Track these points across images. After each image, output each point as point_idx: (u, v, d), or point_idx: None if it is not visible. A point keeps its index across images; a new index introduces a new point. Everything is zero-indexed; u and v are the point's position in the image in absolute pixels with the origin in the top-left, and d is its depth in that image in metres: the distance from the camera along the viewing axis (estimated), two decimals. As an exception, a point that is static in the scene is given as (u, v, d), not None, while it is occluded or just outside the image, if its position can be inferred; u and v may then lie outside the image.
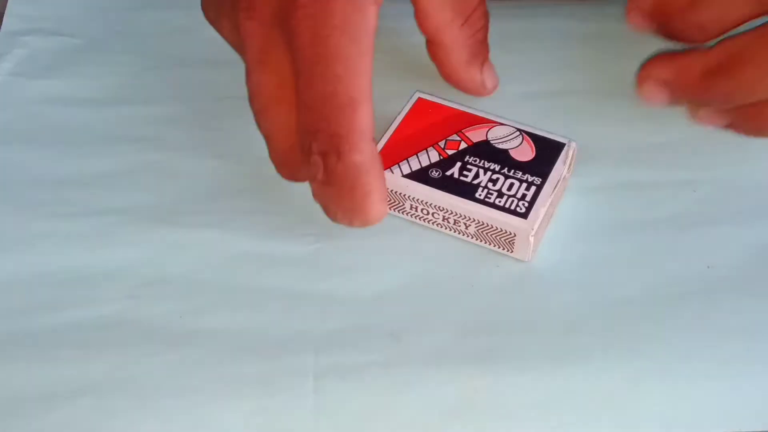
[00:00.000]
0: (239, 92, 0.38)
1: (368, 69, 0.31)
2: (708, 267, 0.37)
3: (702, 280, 0.37)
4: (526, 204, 0.36)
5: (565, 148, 0.38)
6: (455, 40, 0.37)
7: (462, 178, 0.36)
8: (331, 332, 0.35)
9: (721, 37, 0.35)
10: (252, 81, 0.33)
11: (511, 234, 0.36)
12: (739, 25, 0.35)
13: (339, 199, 0.33)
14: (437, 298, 0.36)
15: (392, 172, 0.37)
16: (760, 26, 0.34)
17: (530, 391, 0.34)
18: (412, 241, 0.38)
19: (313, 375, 0.34)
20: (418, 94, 0.39)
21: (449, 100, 0.39)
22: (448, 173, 0.37)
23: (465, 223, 0.36)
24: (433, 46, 0.38)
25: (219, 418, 0.33)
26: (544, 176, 0.37)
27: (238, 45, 0.34)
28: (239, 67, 0.34)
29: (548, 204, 0.36)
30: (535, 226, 0.35)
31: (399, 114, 0.39)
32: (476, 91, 0.41)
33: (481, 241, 0.37)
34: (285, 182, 0.36)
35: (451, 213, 0.36)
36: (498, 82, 0.40)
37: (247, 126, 0.35)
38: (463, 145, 0.37)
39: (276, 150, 0.34)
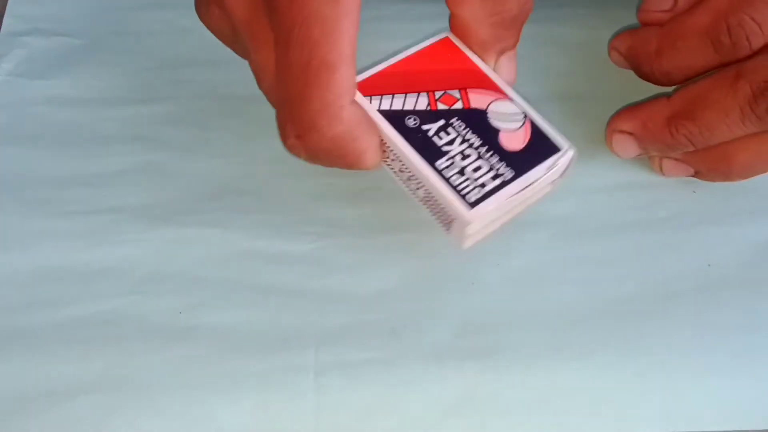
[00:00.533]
0: (239, 92, 0.39)
1: (349, 30, 0.30)
2: (709, 265, 0.37)
3: (702, 278, 0.37)
4: (481, 194, 0.32)
5: (560, 152, 0.33)
6: (474, 15, 0.33)
7: (435, 139, 0.32)
8: (332, 329, 0.35)
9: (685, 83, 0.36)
10: (252, 61, 0.32)
11: (450, 216, 0.33)
12: (701, 73, 0.36)
13: (330, 164, 0.32)
14: (437, 296, 0.36)
15: (370, 102, 0.33)
16: (718, 72, 0.35)
17: (531, 388, 0.34)
18: (412, 239, 0.38)
19: (314, 372, 0.34)
20: (447, 34, 0.35)
21: (477, 55, 0.35)
22: (425, 128, 0.33)
23: (416, 185, 0.33)
24: (453, 18, 0.34)
25: (219, 414, 0.33)
26: (519, 173, 0.32)
27: (231, 31, 0.33)
28: (239, 66, 0.34)
29: (506, 203, 0.32)
30: (476, 221, 0.32)
31: (417, 45, 0.35)
32: None
33: (426, 207, 0.34)
34: (285, 181, 0.36)
35: (407, 169, 0.33)
36: (515, 79, 0.36)
37: (247, 126, 0.35)
38: (458, 105, 0.33)
39: (288, 132, 0.32)
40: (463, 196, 0.32)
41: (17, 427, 0.33)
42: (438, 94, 0.34)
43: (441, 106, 0.33)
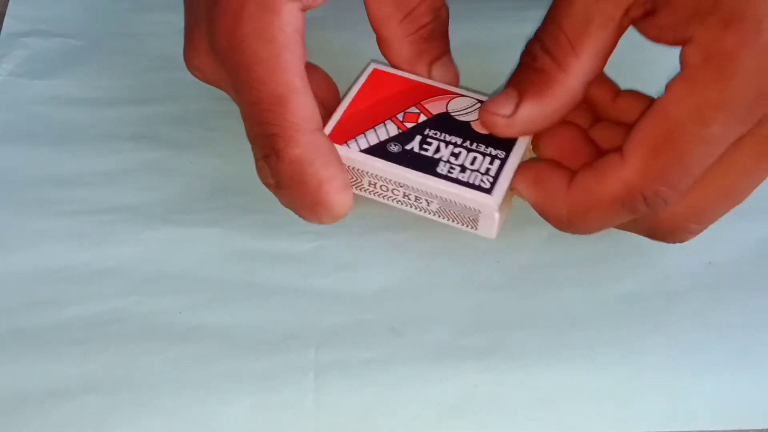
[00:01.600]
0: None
1: (292, 64, 0.31)
2: (709, 263, 0.37)
3: (703, 277, 0.37)
4: (491, 179, 0.33)
5: None
6: (394, 36, 0.35)
7: (422, 152, 0.34)
8: (332, 328, 0.35)
9: None
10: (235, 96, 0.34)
11: (475, 210, 0.34)
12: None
13: (296, 197, 0.33)
14: (438, 295, 0.36)
15: (348, 147, 0.34)
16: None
17: (531, 387, 0.34)
18: (412, 238, 0.38)
19: (314, 371, 0.34)
20: (373, 65, 0.37)
21: (407, 72, 0.37)
22: (408, 147, 0.34)
23: (427, 200, 0.34)
24: (378, 40, 0.36)
25: (220, 414, 0.33)
26: (508, 149, 0.34)
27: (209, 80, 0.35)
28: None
29: (513, 178, 0.34)
30: (500, 202, 0.33)
31: (354, 86, 0.37)
32: None
33: (443, 218, 0.35)
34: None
35: (412, 189, 0.34)
36: (456, 79, 0.37)
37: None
38: (422, 118, 0.35)
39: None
40: (478, 187, 0.33)
41: (17, 427, 0.33)
42: (400, 116, 0.35)
43: (409, 125, 0.35)
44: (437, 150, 0.34)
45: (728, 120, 0.29)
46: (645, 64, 0.38)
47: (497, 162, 0.34)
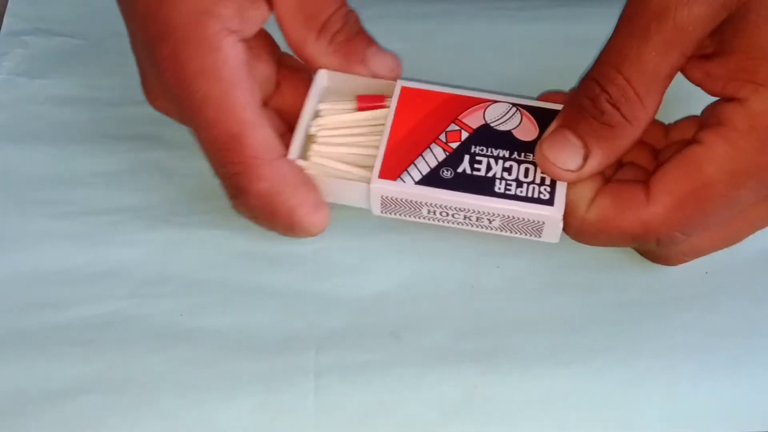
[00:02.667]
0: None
1: (242, 98, 0.32)
2: (706, 273, 0.37)
3: (701, 285, 0.37)
4: (548, 188, 0.34)
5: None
6: (316, 53, 0.35)
7: (475, 173, 0.34)
8: (332, 331, 0.35)
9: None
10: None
11: (539, 222, 0.34)
12: None
13: (272, 226, 0.34)
14: (437, 298, 0.36)
15: (403, 181, 0.34)
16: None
17: (531, 391, 0.34)
18: (412, 241, 0.38)
19: (314, 374, 0.34)
20: (401, 84, 0.36)
21: (433, 83, 0.37)
22: (460, 170, 0.34)
23: (489, 219, 0.35)
24: (305, 63, 0.36)
25: (220, 415, 0.33)
26: None
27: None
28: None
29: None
30: (562, 210, 0.33)
31: (389, 112, 0.36)
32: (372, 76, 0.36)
33: (506, 231, 0.35)
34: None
35: (473, 212, 0.34)
36: (395, 63, 0.36)
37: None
38: (464, 135, 0.35)
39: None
40: (538, 200, 0.33)
41: (18, 427, 0.33)
42: (442, 137, 0.35)
43: (453, 145, 0.35)
44: (488, 168, 0.34)
45: (759, 186, 0.30)
46: None
47: None
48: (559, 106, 0.35)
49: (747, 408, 0.33)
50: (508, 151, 0.35)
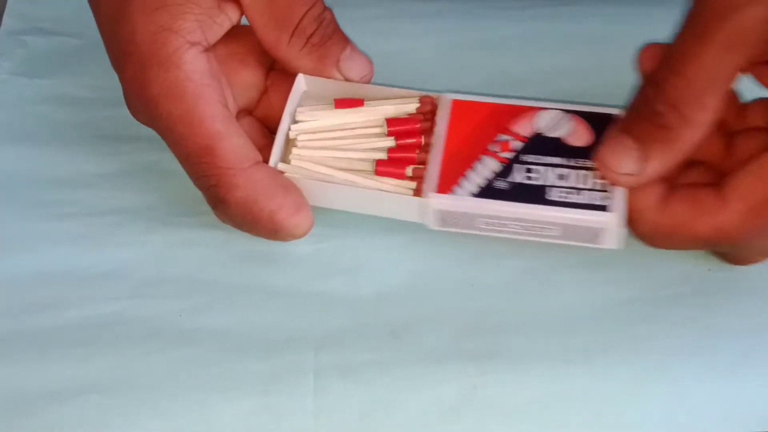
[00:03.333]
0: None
1: (210, 110, 0.32)
2: (709, 270, 0.37)
3: (703, 282, 0.37)
4: (606, 194, 0.33)
5: (615, 118, 0.35)
6: (290, 55, 0.35)
7: (530, 182, 0.34)
8: (332, 331, 0.35)
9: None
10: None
11: (598, 229, 0.34)
12: None
13: (256, 231, 0.34)
14: (437, 298, 0.36)
15: (458, 194, 0.34)
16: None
17: (531, 391, 0.34)
18: (412, 241, 0.38)
19: (314, 373, 0.34)
20: (450, 97, 0.37)
21: (481, 94, 0.37)
22: (515, 180, 0.34)
23: (548, 230, 0.35)
24: (279, 64, 0.36)
25: (220, 415, 0.33)
26: None
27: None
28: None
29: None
30: (622, 217, 0.33)
31: (440, 123, 0.36)
32: (347, 78, 0.36)
33: (565, 239, 0.35)
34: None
35: (531, 222, 0.34)
36: (367, 68, 0.36)
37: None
38: (516, 144, 0.35)
39: None
40: (597, 207, 0.33)
41: (18, 427, 0.33)
42: (494, 147, 0.35)
43: (506, 155, 0.35)
44: (544, 176, 0.34)
45: None
46: None
47: None
48: (612, 110, 0.35)
49: (748, 408, 0.33)
50: (562, 158, 0.34)
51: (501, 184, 0.34)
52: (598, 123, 0.35)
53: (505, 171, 0.34)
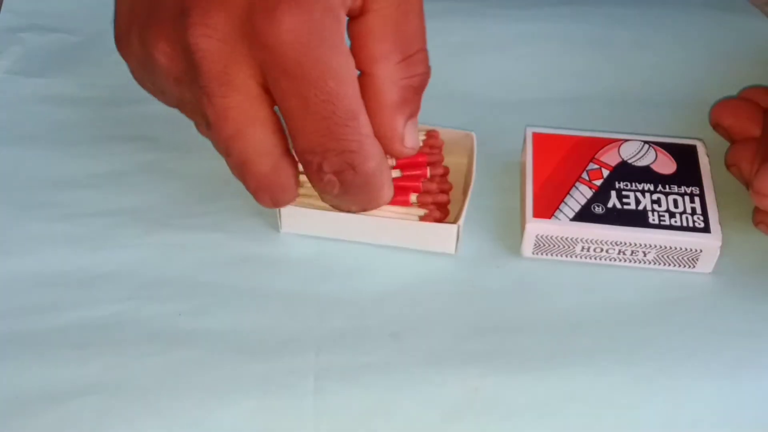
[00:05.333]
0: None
1: (355, 74, 0.31)
2: (709, 273, 0.37)
3: (703, 285, 0.37)
4: (701, 217, 0.36)
5: (697, 149, 0.38)
6: (388, 76, 0.32)
7: (626, 207, 0.36)
8: (332, 332, 0.35)
9: None
10: (216, 105, 0.31)
11: (696, 251, 0.36)
12: None
13: (355, 200, 0.33)
14: (437, 299, 0.36)
15: (558, 219, 0.36)
16: None
17: (531, 392, 0.34)
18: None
19: (314, 375, 0.34)
20: (530, 130, 0.39)
21: (559, 128, 0.39)
22: (610, 205, 0.36)
23: (644, 252, 0.36)
24: (364, 78, 0.32)
25: (219, 417, 0.33)
26: (699, 183, 0.37)
27: (182, 69, 0.31)
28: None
29: (718, 209, 0.36)
30: (720, 238, 0.35)
31: (525, 155, 0.38)
32: (393, 144, 0.33)
33: (659, 264, 0.36)
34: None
35: (629, 245, 0.36)
36: (418, 147, 0.34)
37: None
38: (605, 172, 0.37)
39: (256, 175, 0.33)
40: (695, 229, 0.35)
41: (16, 429, 0.33)
42: (585, 176, 0.37)
43: (597, 182, 0.36)
44: (637, 201, 0.36)
45: None
46: None
47: (697, 199, 0.36)
48: (693, 141, 0.38)
49: (749, 410, 0.33)
50: (652, 185, 0.36)
51: (598, 209, 0.36)
52: (680, 153, 0.38)
53: (599, 197, 0.36)
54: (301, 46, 0.29)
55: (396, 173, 0.36)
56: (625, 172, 0.37)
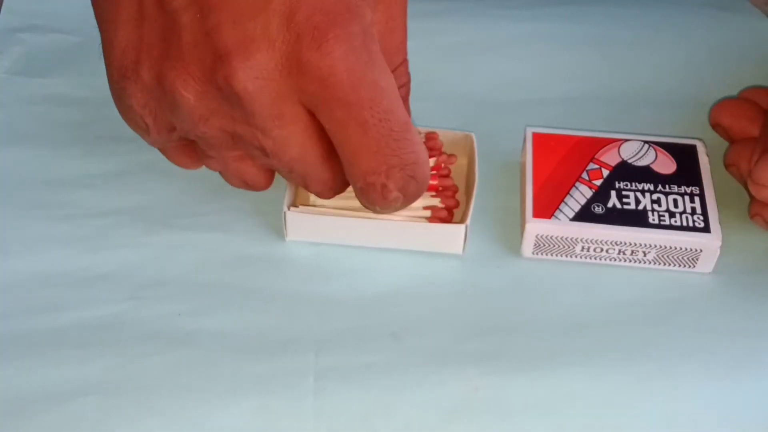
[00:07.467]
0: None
1: (396, 84, 0.31)
2: (708, 273, 0.37)
3: (704, 284, 0.37)
4: (701, 216, 0.36)
5: (697, 149, 0.38)
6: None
7: (626, 206, 0.36)
8: (332, 333, 0.35)
9: None
10: (274, 138, 0.30)
11: (696, 251, 0.36)
12: None
13: (407, 204, 0.32)
14: (438, 299, 0.36)
15: (558, 219, 0.36)
16: None
17: (531, 392, 0.34)
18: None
19: (314, 375, 0.34)
20: (530, 130, 0.39)
21: (559, 128, 0.39)
22: (610, 205, 0.36)
23: (644, 251, 0.36)
24: None
25: (219, 418, 0.33)
26: (699, 183, 0.37)
27: (213, 108, 0.30)
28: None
29: (717, 209, 0.36)
30: (720, 237, 0.35)
31: (525, 155, 0.38)
32: None
33: (659, 264, 0.37)
34: (284, 183, 0.36)
35: (629, 245, 0.36)
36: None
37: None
38: (605, 172, 0.37)
39: (320, 181, 0.33)
40: (695, 228, 0.35)
41: (16, 429, 0.33)
42: (584, 176, 0.37)
43: (597, 182, 0.37)
44: (637, 201, 0.36)
45: None
46: None
47: (696, 198, 0.36)
48: (693, 141, 0.38)
49: (749, 409, 0.33)
50: (652, 184, 0.36)
51: (598, 209, 0.36)
52: (680, 153, 0.38)
53: (599, 196, 0.36)
54: (355, 72, 0.29)
55: None
56: (625, 171, 0.37)
